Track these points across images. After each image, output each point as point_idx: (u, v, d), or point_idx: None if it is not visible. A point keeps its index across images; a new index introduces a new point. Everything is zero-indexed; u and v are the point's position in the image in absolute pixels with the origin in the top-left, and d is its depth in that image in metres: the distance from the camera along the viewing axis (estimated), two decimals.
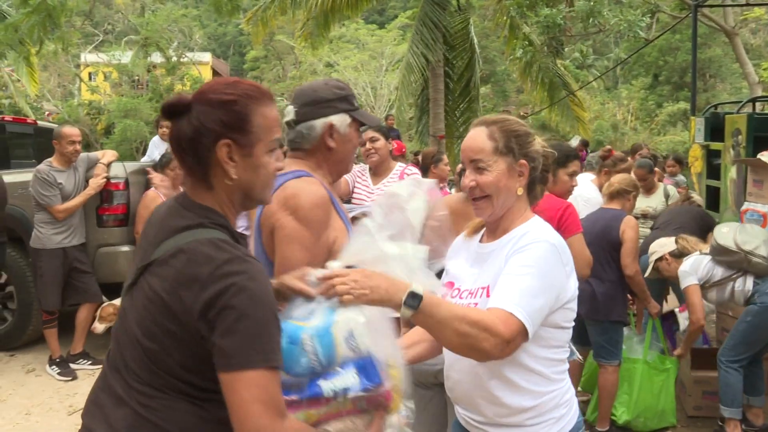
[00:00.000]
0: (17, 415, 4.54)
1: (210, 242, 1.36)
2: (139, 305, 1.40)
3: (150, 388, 1.38)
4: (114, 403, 1.41)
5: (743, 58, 12.99)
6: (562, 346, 1.80)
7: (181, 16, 27.67)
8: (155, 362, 1.37)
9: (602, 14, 10.58)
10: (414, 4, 24.72)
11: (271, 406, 1.30)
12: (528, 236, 1.77)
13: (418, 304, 1.51)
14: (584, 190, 5.09)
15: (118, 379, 1.42)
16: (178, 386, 1.37)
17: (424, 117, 14.86)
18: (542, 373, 1.75)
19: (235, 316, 1.29)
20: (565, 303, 1.77)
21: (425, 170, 5.74)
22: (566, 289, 1.76)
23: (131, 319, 1.42)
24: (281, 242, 1.98)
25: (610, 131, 25.80)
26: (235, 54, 48.34)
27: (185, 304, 1.32)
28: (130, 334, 1.41)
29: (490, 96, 27.75)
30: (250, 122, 1.42)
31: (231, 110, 1.41)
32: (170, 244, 1.39)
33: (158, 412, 1.37)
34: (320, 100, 2.12)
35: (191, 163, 1.44)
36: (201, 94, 1.44)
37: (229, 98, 1.41)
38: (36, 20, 7.97)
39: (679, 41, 28.75)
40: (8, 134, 7.49)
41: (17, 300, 5.73)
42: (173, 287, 1.34)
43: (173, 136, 1.45)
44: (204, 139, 1.40)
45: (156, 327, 1.37)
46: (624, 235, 4.08)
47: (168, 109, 1.43)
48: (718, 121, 6.17)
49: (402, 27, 26.94)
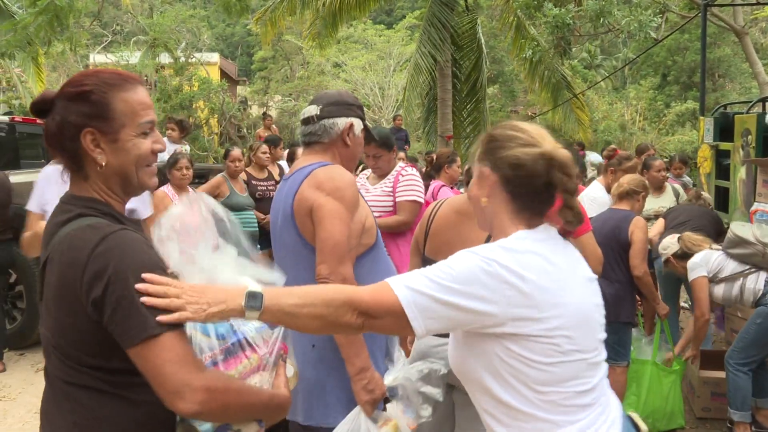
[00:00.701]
0: (27, 413, 4.56)
1: (87, 227, 1.38)
2: (47, 306, 1.42)
3: (72, 387, 1.39)
4: (54, 411, 1.44)
5: (753, 57, 12.90)
6: (549, 384, 1.53)
7: (189, 16, 27.71)
8: (68, 358, 1.39)
9: (612, 14, 10.52)
10: (422, 5, 24.70)
11: (185, 362, 1.31)
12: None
13: (260, 303, 1.41)
14: (590, 189, 5.08)
15: (50, 386, 1.46)
16: (94, 376, 1.38)
17: (431, 117, 14.85)
18: (519, 409, 1.53)
19: (119, 293, 1.30)
20: (530, 334, 1.50)
21: (438, 170, 5.74)
22: (519, 315, 1.49)
23: (45, 324, 1.45)
24: (323, 219, 2.16)
25: (618, 131, 25.67)
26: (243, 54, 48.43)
27: (73, 293, 1.34)
28: (46, 340, 1.44)
29: (498, 96, 27.66)
30: (111, 109, 1.44)
31: (88, 100, 1.43)
32: (55, 240, 1.41)
33: (84, 409, 1.38)
34: (344, 102, 2.42)
35: (64, 157, 1.48)
36: (62, 89, 1.47)
37: (85, 89, 1.44)
38: (44, 20, 8.01)
39: (688, 41, 28.60)
40: (18, 135, 7.53)
41: (27, 299, 5.76)
42: (60, 279, 1.37)
43: (45, 134, 1.49)
44: (67, 131, 1.44)
45: (58, 323, 1.39)
46: (633, 236, 4.06)
47: (34, 108, 1.47)
48: (727, 121, 6.14)
49: (410, 27, 26.91)
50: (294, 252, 2.30)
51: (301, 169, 2.37)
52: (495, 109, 24.93)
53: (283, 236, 2.32)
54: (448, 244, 2.64)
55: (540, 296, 1.50)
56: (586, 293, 1.64)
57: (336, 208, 2.18)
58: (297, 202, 2.24)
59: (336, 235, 2.15)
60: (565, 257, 1.64)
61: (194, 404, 1.29)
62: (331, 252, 2.16)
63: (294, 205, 2.25)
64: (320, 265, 2.16)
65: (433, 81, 14.01)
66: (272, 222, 2.50)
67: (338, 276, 2.15)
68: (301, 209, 2.22)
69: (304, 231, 2.23)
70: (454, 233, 2.63)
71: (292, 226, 2.26)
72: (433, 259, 2.68)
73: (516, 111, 30.14)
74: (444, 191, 5.41)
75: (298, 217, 2.24)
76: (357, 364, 2.19)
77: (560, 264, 1.59)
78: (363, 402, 2.20)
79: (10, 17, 9.97)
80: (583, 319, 1.57)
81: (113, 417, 1.38)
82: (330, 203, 2.17)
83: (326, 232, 2.16)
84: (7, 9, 10.65)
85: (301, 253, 2.27)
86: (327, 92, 2.50)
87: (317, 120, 2.37)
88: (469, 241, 2.58)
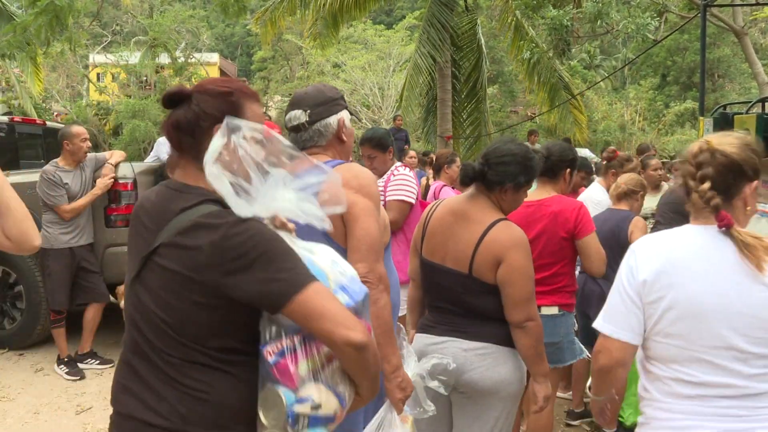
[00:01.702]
0: (26, 414, 4.56)
1: (217, 213, 1.48)
2: (155, 288, 1.51)
3: (182, 362, 1.49)
4: (145, 386, 1.52)
5: (752, 57, 12.91)
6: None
7: (188, 17, 27.75)
8: (183, 335, 1.49)
9: (610, 16, 10.53)
10: (422, 5, 24.71)
11: (340, 303, 1.45)
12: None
13: None
14: (593, 192, 5.06)
15: (147, 364, 1.53)
16: (209, 354, 1.49)
17: (430, 117, 14.86)
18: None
19: (264, 262, 1.42)
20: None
21: (438, 170, 5.75)
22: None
23: (148, 304, 1.52)
24: (357, 217, 2.16)
25: (617, 131, 25.70)
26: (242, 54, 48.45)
27: (210, 272, 1.44)
28: (151, 318, 1.52)
29: (498, 96, 27.68)
30: (243, 113, 1.59)
31: (228, 100, 1.59)
32: (174, 226, 1.49)
33: (195, 382, 1.49)
34: (329, 100, 2.35)
35: (189, 143, 1.58)
36: (200, 86, 1.63)
37: (227, 90, 1.61)
38: (43, 21, 8.00)
39: (688, 41, 28.65)
40: (18, 135, 7.52)
41: (26, 300, 5.76)
42: (193, 260, 1.45)
43: (171, 121, 1.60)
44: (203, 122, 1.56)
45: (179, 302, 1.47)
46: (632, 237, 4.06)
47: (169, 98, 1.61)
48: (727, 121, 6.14)
49: (409, 27, 26.92)
50: None
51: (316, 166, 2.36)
52: (495, 109, 24.95)
53: (305, 238, 2.28)
54: (443, 244, 2.64)
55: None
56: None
57: (367, 205, 2.18)
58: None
59: (372, 232, 2.16)
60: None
61: (363, 334, 1.42)
62: (368, 250, 2.15)
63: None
64: (357, 264, 2.11)
65: (433, 81, 14.01)
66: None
67: (375, 274, 2.15)
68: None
69: (331, 230, 2.23)
70: (449, 234, 2.63)
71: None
72: (429, 260, 2.69)
73: (516, 111, 30.15)
74: (446, 191, 5.42)
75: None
76: (394, 362, 2.20)
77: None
78: (396, 399, 2.22)
79: (9, 18, 9.98)
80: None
81: (221, 391, 1.49)
82: (361, 201, 2.17)
83: (362, 230, 2.15)
84: (7, 10, 10.65)
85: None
86: (306, 93, 2.38)
87: (309, 126, 2.32)
88: (462, 242, 2.59)
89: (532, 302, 2.51)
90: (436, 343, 2.61)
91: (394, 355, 2.20)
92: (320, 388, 1.47)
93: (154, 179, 5.59)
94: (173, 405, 1.49)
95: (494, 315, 2.55)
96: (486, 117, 14.70)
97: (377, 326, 2.13)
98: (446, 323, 2.63)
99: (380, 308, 2.14)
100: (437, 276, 2.65)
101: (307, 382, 1.46)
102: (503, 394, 2.57)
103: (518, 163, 2.60)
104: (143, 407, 1.51)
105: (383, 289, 2.16)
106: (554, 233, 3.33)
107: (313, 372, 1.47)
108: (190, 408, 1.48)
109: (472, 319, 2.58)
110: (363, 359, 1.46)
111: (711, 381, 1.72)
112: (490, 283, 2.51)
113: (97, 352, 5.49)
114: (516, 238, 2.51)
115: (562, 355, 3.41)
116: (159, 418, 1.49)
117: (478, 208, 2.61)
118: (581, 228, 3.31)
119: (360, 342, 1.42)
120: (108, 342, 5.83)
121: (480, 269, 2.51)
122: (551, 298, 3.33)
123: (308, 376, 1.46)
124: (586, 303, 4.11)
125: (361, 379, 1.52)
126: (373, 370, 1.52)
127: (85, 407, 4.63)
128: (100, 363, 5.40)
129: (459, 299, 2.60)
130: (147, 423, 1.50)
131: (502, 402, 2.58)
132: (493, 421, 2.59)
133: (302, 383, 1.45)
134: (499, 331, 2.55)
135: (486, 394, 2.56)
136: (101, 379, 5.13)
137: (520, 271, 2.47)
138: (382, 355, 2.19)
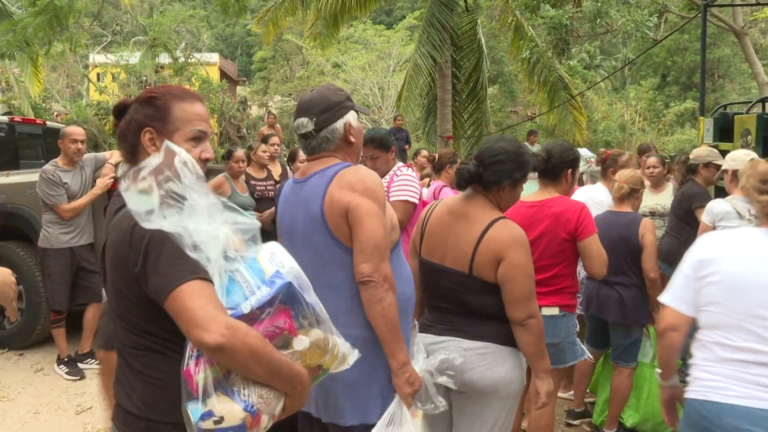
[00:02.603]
0: (26, 414, 4.56)
1: (130, 213, 1.55)
2: (109, 286, 1.66)
3: (137, 351, 1.60)
4: (123, 376, 1.65)
5: (753, 58, 12.91)
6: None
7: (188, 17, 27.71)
8: (130, 325, 1.60)
9: (609, 15, 10.54)
10: (421, 5, 24.71)
11: (212, 302, 1.43)
12: None
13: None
14: (596, 193, 5.04)
15: (121, 357, 1.66)
16: (156, 341, 1.57)
17: (431, 117, 14.85)
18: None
19: (154, 256, 1.48)
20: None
21: (440, 170, 5.72)
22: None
23: (110, 300, 1.67)
24: (362, 220, 2.21)
25: (617, 131, 25.69)
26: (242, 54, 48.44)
27: (124, 266, 1.55)
28: (113, 314, 1.66)
29: (498, 96, 27.67)
30: (170, 114, 1.69)
31: (154, 104, 1.70)
32: (110, 226, 1.67)
33: (151, 369, 1.58)
34: (334, 105, 2.39)
35: (125, 149, 1.73)
36: (138, 96, 1.75)
37: (153, 95, 1.71)
38: (43, 21, 7.99)
39: (688, 41, 28.64)
40: (17, 135, 7.53)
41: (26, 300, 5.76)
42: (114, 257, 1.59)
43: (118, 130, 1.75)
44: (131, 127, 1.70)
45: (118, 295, 1.60)
46: (644, 240, 4.01)
47: (115, 111, 1.76)
48: (727, 121, 6.15)
49: (409, 27, 26.92)
50: (328, 254, 2.31)
51: (321, 171, 2.36)
52: (495, 109, 24.94)
53: (311, 239, 2.32)
54: (442, 244, 2.65)
55: None
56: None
57: (372, 207, 2.23)
58: (328, 204, 2.26)
59: (377, 234, 2.21)
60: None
61: (218, 335, 1.37)
62: (373, 251, 2.20)
63: (324, 207, 2.27)
64: (362, 265, 2.20)
65: (433, 81, 14.01)
66: (286, 225, 2.48)
67: (380, 274, 2.19)
68: (334, 211, 2.25)
69: (337, 232, 2.26)
70: (448, 233, 2.63)
71: (324, 228, 2.28)
72: (429, 260, 2.69)
73: (516, 111, 30.14)
74: (445, 191, 5.39)
75: (331, 219, 2.26)
76: (401, 359, 2.25)
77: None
78: (405, 395, 2.26)
79: (9, 17, 9.96)
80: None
81: (173, 375, 1.52)
82: (366, 203, 2.22)
83: (367, 232, 2.20)
84: (6, 9, 10.64)
85: (336, 253, 2.29)
86: (311, 98, 2.41)
87: (316, 133, 2.37)
88: (462, 241, 2.59)
89: (532, 300, 2.51)
90: (436, 342, 2.61)
91: (401, 351, 2.24)
92: (220, 399, 1.45)
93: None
94: (141, 394, 1.59)
95: (494, 314, 2.55)
96: (487, 117, 14.68)
97: (383, 324, 2.20)
98: (446, 323, 2.64)
99: (386, 307, 2.19)
100: (436, 276, 2.65)
101: (210, 392, 1.45)
102: (503, 393, 2.57)
103: (512, 161, 2.61)
104: (126, 397, 1.63)
105: (388, 289, 2.21)
106: (556, 234, 3.32)
107: (213, 380, 1.45)
108: (152, 395, 1.57)
109: (472, 319, 2.58)
110: (226, 360, 1.43)
111: (749, 347, 2.08)
112: (491, 282, 2.52)
113: (96, 351, 5.49)
114: (515, 236, 2.52)
115: (562, 356, 3.40)
116: (134, 407, 1.60)
117: (477, 208, 2.62)
118: (582, 229, 3.30)
119: (212, 344, 1.38)
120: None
121: (480, 268, 2.52)
122: (552, 298, 3.32)
123: (209, 383, 1.45)
124: (603, 308, 4.08)
125: (253, 377, 1.48)
126: (255, 367, 1.45)
127: (85, 407, 4.63)
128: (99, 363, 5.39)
129: (458, 299, 2.60)
130: (128, 411, 1.61)
131: (502, 401, 2.59)
132: (493, 420, 2.59)
133: (204, 392, 1.44)
134: (499, 330, 2.56)
135: (486, 393, 2.56)
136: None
137: (520, 269, 2.47)
138: (389, 352, 2.24)
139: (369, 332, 2.25)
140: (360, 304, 2.24)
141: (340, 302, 2.27)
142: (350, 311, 2.27)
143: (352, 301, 2.27)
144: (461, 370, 2.51)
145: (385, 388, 2.31)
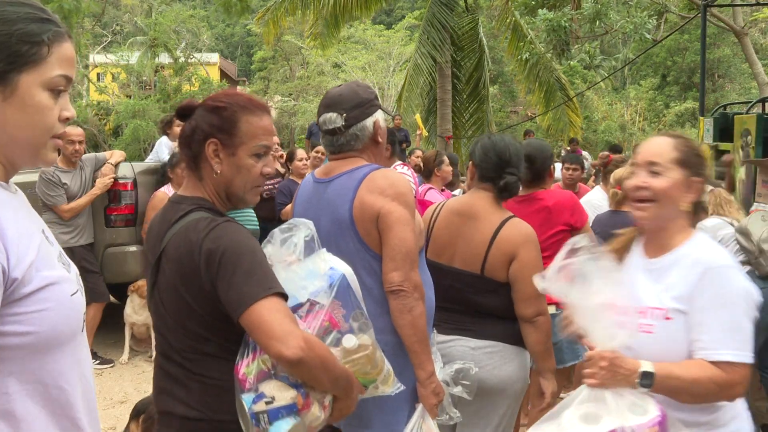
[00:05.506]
0: None
1: (199, 219, 1.60)
2: (163, 293, 1.64)
3: (197, 356, 1.62)
4: (176, 383, 1.64)
5: (753, 58, 12.92)
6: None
7: (188, 17, 27.74)
8: (191, 332, 1.61)
9: (609, 16, 10.55)
10: (421, 5, 24.73)
11: (288, 317, 1.49)
12: (708, 259, 1.80)
13: (651, 383, 1.67)
14: (594, 197, 5.04)
15: (173, 364, 1.65)
16: (218, 346, 1.60)
17: (431, 118, 14.84)
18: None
19: (229, 271, 1.51)
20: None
21: (428, 175, 5.59)
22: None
23: (162, 309, 1.65)
24: (393, 226, 2.14)
25: (618, 131, 25.69)
26: (242, 54, 48.45)
27: (193, 276, 1.55)
28: (166, 322, 1.65)
29: (498, 96, 27.68)
30: (237, 127, 1.66)
31: (221, 115, 1.66)
32: (167, 236, 1.63)
33: (213, 372, 1.61)
34: (364, 102, 2.30)
35: (187, 155, 1.71)
36: (205, 100, 1.73)
37: (221, 105, 1.68)
38: None
39: (688, 41, 28.63)
40: None
41: None
42: (180, 267, 1.58)
43: (181, 133, 1.73)
44: (197, 136, 1.68)
45: (180, 303, 1.60)
46: None
47: (179, 111, 1.73)
48: (727, 121, 6.15)
49: (409, 27, 26.94)
50: (356, 258, 2.20)
51: (348, 172, 2.27)
52: (495, 109, 24.90)
53: (336, 242, 2.20)
54: (450, 245, 2.65)
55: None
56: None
57: (403, 214, 2.15)
58: (358, 208, 2.18)
59: (407, 242, 2.13)
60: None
61: (297, 349, 1.43)
62: (404, 259, 2.13)
63: (354, 211, 2.19)
64: (392, 273, 2.12)
65: (433, 81, 14.00)
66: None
67: (411, 283, 2.13)
68: (365, 215, 2.17)
69: (366, 237, 2.19)
70: (456, 235, 2.64)
71: (352, 233, 2.20)
72: (436, 262, 2.69)
73: (516, 111, 30.14)
74: (431, 194, 5.27)
75: (360, 224, 2.18)
76: (429, 369, 2.19)
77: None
78: (431, 405, 2.21)
79: None
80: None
81: (232, 376, 1.57)
82: (398, 209, 2.15)
83: (398, 239, 2.14)
84: None
85: (364, 258, 2.21)
86: (341, 93, 2.31)
87: (345, 129, 2.26)
88: (473, 243, 2.60)
89: (542, 297, 2.51)
90: (443, 341, 2.61)
91: (429, 362, 2.20)
92: (272, 383, 1.53)
93: (155, 179, 5.59)
94: (201, 396, 1.61)
95: (501, 313, 2.57)
96: (489, 117, 14.67)
97: (412, 334, 2.13)
98: (452, 322, 2.64)
99: (416, 317, 2.13)
100: (444, 277, 2.63)
101: (262, 382, 1.53)
102: (509, 392, 2.59)
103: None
104: (178, 403, 1.63)
105: (418, 298, 2.14)
106: (551, 227, 3.32)
107: (263, 372, 1.54)
108: (214, 397, 1.60)
109: (479, 318, 2.60)
110: (302, 372, 1.51)
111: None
112: (501, 281, 2.54)
113: (97, 352, 5.48)
114: (527, 235, 2.55)
115: (561, 356, 3.40)
116: (193, 411, 1.61)
117: (484, 207, 2.63)
118: (578, 217, 3.36)
119: (292, 358, 1.44)
120: (108, 342, 5.82)
121: (492, 268, 2.54)
122: (549, 296, 3.32)
123: (260, 376, 1.54)
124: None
125: (320, 387, 1.57)
126: (324, 378, 1.54)
127: None
128: (100, 363, 5.39)
129: (466, 299, 2.61)
130: (184, 417, 1.62)
131: (508, 400, 2.61)
132: (498, 419, 2.61)
133: (254, 384, 1.53)
134: (506, 329, 2.58)
135: (493, 392, 2.57)
136: (101, 379, 5.12)
137: (531, 267, 2.48)
138: (417, 363, 2.18)
139: (398, 337, 2.19)
140: (388, 309, 2.17)
141: (369, 307, 2.13)
142: (380, 316, 2.16)
143: (380, 306, 2.18)
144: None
145: (410, 396, 2.24)
